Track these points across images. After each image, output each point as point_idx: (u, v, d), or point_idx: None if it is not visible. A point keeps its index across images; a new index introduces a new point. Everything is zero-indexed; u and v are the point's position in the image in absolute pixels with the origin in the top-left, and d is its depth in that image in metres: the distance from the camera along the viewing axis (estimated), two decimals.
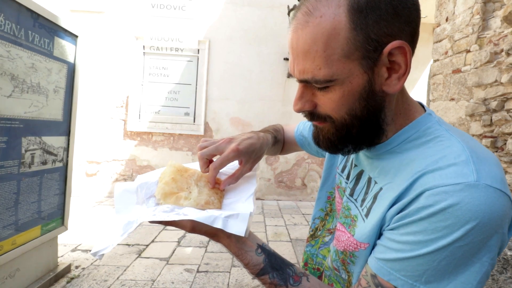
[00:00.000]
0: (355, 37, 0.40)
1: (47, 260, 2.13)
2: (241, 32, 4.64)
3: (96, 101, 4.49)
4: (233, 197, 0.60)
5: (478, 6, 2.35)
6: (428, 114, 0.49)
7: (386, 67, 0.43)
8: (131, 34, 4.50)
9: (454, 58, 2.62)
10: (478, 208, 0.36)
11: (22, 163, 1.80)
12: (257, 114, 4.70)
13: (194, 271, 2.39)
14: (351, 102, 0.44)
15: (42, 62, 1.90)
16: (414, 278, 0.40)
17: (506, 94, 2.08)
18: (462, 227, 0.37)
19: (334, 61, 0.41)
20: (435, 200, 0.38)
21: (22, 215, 1.82)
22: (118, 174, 4.57)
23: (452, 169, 0.39)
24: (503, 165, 2.08)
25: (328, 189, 0.71)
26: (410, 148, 0.47)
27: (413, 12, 0.42)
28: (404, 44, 0.41)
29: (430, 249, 0.38)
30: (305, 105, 0.48)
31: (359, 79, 0.43)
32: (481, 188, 0.37)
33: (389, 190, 0.46)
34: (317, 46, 0.41)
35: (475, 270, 0.38)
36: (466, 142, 0.43)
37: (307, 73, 0.43)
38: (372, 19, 0.40)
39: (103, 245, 0.48)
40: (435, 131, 0.46)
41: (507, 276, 0.90)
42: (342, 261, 0.55)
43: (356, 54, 0.41)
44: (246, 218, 0.50)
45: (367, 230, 0.48)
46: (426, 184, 0.40)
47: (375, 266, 0.44)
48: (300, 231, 3.42)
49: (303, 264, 0.71)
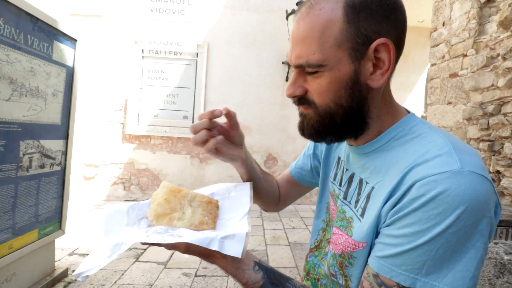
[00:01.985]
0: (348, 29, 0.46)
1: (44, 264, 2.11)
2: (240, 36, 4.67)
3: (94, 105, 4.49)
4: (227, 216, 0.58)
5: (474, 11, 2.37)
6: (412, 115, 0.54)
7: (372, 63, 0.48)
8: (130, 38, 4.51)
9: (451, 62, 2.64)
10: (465, 193, 0.39)
11: (20, 167, 1.79)
12: (256, 118, 4.71)
13: (192, 275, 2.38)
14: (337, 89, 0.48)
15: (41, 66, 1.91)
16: (415, 271, 0.41)
17: (502, 98, 2.10)
18: (453, 212, 0.39)
19: (327, 48, 0.46)
20: (426, 189, 0.41)
21: (19, 219, 1.81)
22: (116, 177, 4.56)
23: (437, 160, 0.43)
24: (501, 168, 2.09)
25: (326, 200, 0.72)
26: (397, 145, 0.50)
27: (400, 19, 0.48)
28: (388, 42, 0.46)
29: (426, 238, 0.40)
30: (296, 90, 0.52)
31: (346, 67, 0.47)
32: (465, 174, 0.40)
33: (382, 187, 0.48)
34: (314, 33, 0.47)
35: (471, 256, 0.40)
36: (447, 137, 0.47)
37: (302, 57, 0.48)
38: (363, 16, 0.46)
39: (88, 266, 0.46)
40: (419, 129, 0.50)
41: (504, 280, 0.91)
42: (340, 265, 0.55)
43: (346, 44, 0.46)
44: (242, 239, 0.48)
45: (364, 229, 0.49)
46: (415, 176, 0.43)
47: (376, 265, 0.45)
48: (298, 234, 3.42)
49: (305, 273, 0.71)
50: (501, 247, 0.99)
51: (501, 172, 2.09)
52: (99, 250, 0.49)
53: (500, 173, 2.10)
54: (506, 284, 0.91)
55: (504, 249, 0.97)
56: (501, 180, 2.09)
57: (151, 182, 4.61)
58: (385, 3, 0.46)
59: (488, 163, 2.20)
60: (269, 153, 4.75)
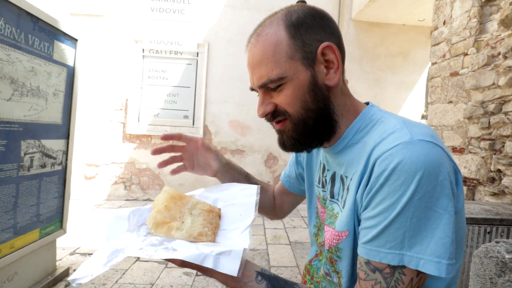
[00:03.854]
0: (294, 42, 0.52)
1: (46, 264, 2.12)
2: (240, 35, 4.66)
3: (95, 104, 4.50)
4: (229, 227, 0.56)
5: (475, 10, 2.37)
6: (371, 106, 0.59)
7: (324, 65, 0.54)
8: (130, 38, 4.51)
9: (452, 61, 2.64)
10: (419, 159, 0.43)
11: (21, 166, 1.79)
12: (256, 117, 4.65)
13: (193, 275, 2.38)
14: (302, 95, 0.53)
15: (42, 66, 1.91)
16: (399, 247, 0.43)
17: (503, 97, 2.09)
18: (414, 179, 0.42)
19: (282, 63, 0.52)
20: (386, 164, 0.45)
21: (20, 219, 1.82)
22: (117, 177, 4.56)
23: (392, 136, 0.48)
24: (502, 167, 2.09)
25: (314, 205, 0.73)
26: (362, 136, 0.55)
27: (333, 27, 0.56)
28: (330, 44, 0.53)
29: (398, 209, 0.43)
30: (267, 108, 0.56)
31: (304, 74, 0.53)
32: (415, 143, 0.44)
33: (355, 176, 0.51)
34: (267, 54, 0.53)
35: (445, 222, 0.42)
36: (401, 118, 0.52)
37: (263, 77, 0.53)
38: (303, 30, 0.53)
39: (83, 273, 0.46)
40: (377, 116, 0.56)
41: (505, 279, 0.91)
42: (330, 261, 0.56)
43: (297, 55, 0.52)
44: (239, 256, 0.46)
45: (344, 217, 0.52)
46: (375, 154, 0.47)
47: (365, 252, 0.46)
48: (299, 233, 3.42)
49: (310, 277, 0.72)
50: (502, 245, 0.99)
51: (502, 171, 2.08)
52: (97, 256, 0.49)
53: (501, 172, 2.10)
54: (508, 283, 0.91)
55: (506, 247, 0.97)
56: (502, 179, 2.08)
57: (151, 182, 4.61)
58: (317, 17, 0.54)
59: (489, 162, 2.20)
60: (269, 152, 4.75)
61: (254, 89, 0.59)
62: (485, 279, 0.99)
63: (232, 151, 4.72)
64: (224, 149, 4.71)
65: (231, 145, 4.72)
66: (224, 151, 4.70)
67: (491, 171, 2.17)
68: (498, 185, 2.13)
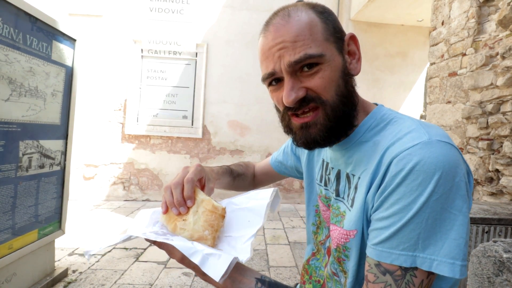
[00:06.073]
0: (327, 26, 0.52)
1: (44, 264, 2.11)
2: (239, 35, 4.67)
3: (94, 105, 4.49)
4: (235, 234, 0.55)
5: (473, 10, 2.38)
6: (381, 105, 0.59)
7: (348, 54, 0.55)
8: (129, 38, 4.51)
9: (450, 61, 2.64)
10: (438, 160, 0.42)
11: (20, 167, 1.79)
12: (255, 117, 4.71)
13: (192, 275, 2.38)
14: (336, 79, 0.52)
15: (40, 66, 1.90)
16: (412, 248, 0.42)
17: (502, 97, 2.10)
18: (432, 179, 0.41)
19: (319, 42, 0.50)
20: (403, 163, 0.44)
21: (19, 219, 1.81)
22: (116, 177, 4.56)
23: (408, 136, 0.47)
24: (500, 167, 2.09)
25: (314, 203, 0.73)
26: (373, 135, 0.54)
27: None
28: (354, 35, 0.55)
29: (414, 210, 0.42)
30: (298, 93, 0.51)
31: (338, 58, 0.52)
32: (434, 143, 0.44)
33: (365, 175, 0.50)
34: (304, 32, 0.50)
35: (460, 223, 0.41)
36: (416, 119, 0.52)
37: (299, 52, 0.49)
38: (330, 17, 0.54)
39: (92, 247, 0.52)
40: (389, 116, 0.55)
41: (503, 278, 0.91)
42: (338, 260, 0.56)
43: (331, 38, 0.52)
44: (227, 262, 0.44)
45: (352, 217, 0.51)
46: (391, 154, 0.46)
47: (375, 254, 0.45)
48: (298, 234, 3.42)
49: (308, 277, 0.71)
50: (500, 245, 0.99)
51: (500, 171, 2.09)
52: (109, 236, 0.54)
53: (499, 172, 2.10)
54: (505, 282, 0.91)
55: (503, 247, 0.98)
56: (500, 179, 2.09)
57: (150, 182, 4.61)
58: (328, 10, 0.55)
59: (487, 162, 2.20)
60: (268, 152, 4.75)
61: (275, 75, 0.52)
62: (483, 279, 0.99)
63: (231, 152, 4.72)
64: (223, 150, 4.71)
65: (230, 146, 4.72)
66: (223, 151, 4.70)
67: (489, 171, 2.18)
68: (496, 185, 2.14)
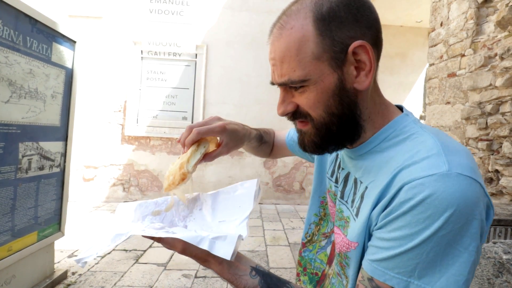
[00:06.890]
0: (322, 41, 0.46)
1: (44, 267, 2.11)
2: (239, 36, 4.67)
3: (94, 106, 4.49)
4: (229, 218, 0.58)
5: (472, 11, 2.38)
6: (405, 115, 0.53)
7: (354, 66, 0.48)
8: (129, 39, 4.51)
9: (449, 62, 2.65)
10: (453, 196, 0.39)
11: (19, 169, 1.79)
12: (255, 118, 4.72)
13: (192, 277, 2.38)
14: (326, 99, 0.48)
15: (40, 68, 1.91)
16: (407, 274, 0.41)
17: (500, 98, 2.11)
18: (442, 216, 0.39)
19: (307, 63, 0.47)
20: (414, 192, 0.40)
21: (18, 221, 1.81)
22: (115, 179, 4.55)
23: (426, 162, 0.42)
24: (499, 168, 2.09)
25: (320, 194, 0.72)
26: (389, 146, 0.50)
27: (371, 18, 0.48)
28: (364, 43, 0.46)
29: (417, 242, 0.40)
30: (287, 107, 0.52)
31: (330, 77, 0.47)
32: (453, 177, 0.40)
33: (373, 188, 0.48)
34: (290, 52, 0.47)
35: (464, 260, 0.39)
36: (438, 137, 0.46)
37: (284, 76, 0.49)
38: (335, 25, 0.46)
39: (87, 253, 0.49)
40: (410, 129, 0.50)
41: (503, 279, 0.91)
42: (340, 265, 0.56)
43: (325, 56, 0.47)
44: (234, 241, 0.48)
45: (356, 228, 0.50)
46: (404, 178, 0.43)
47: (370, 269, 0.45)
48: (298, 235, 3.42)
49: (302, 269, 0.71)
50: (499, 246, 0.99)
51: (500, 171, 2.09)
52: (99, 240, 0.52)
53: (499, 172, 2.11)
54: (505, 283, 0.91)
55: (503, 248, 0.98)
56: (499, 179, 2.09)
57: (150, 183, 4.60)
58: (353, 7, 0.46)
59: (486, 163, 2.20)
60: None
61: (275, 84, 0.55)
62: (483, 280, 0.99)
63: (231, 152, 4.72)
64: None
65: None
66: None
67: (489, 171, 2.18)
68: (496, 186, 2.14)
